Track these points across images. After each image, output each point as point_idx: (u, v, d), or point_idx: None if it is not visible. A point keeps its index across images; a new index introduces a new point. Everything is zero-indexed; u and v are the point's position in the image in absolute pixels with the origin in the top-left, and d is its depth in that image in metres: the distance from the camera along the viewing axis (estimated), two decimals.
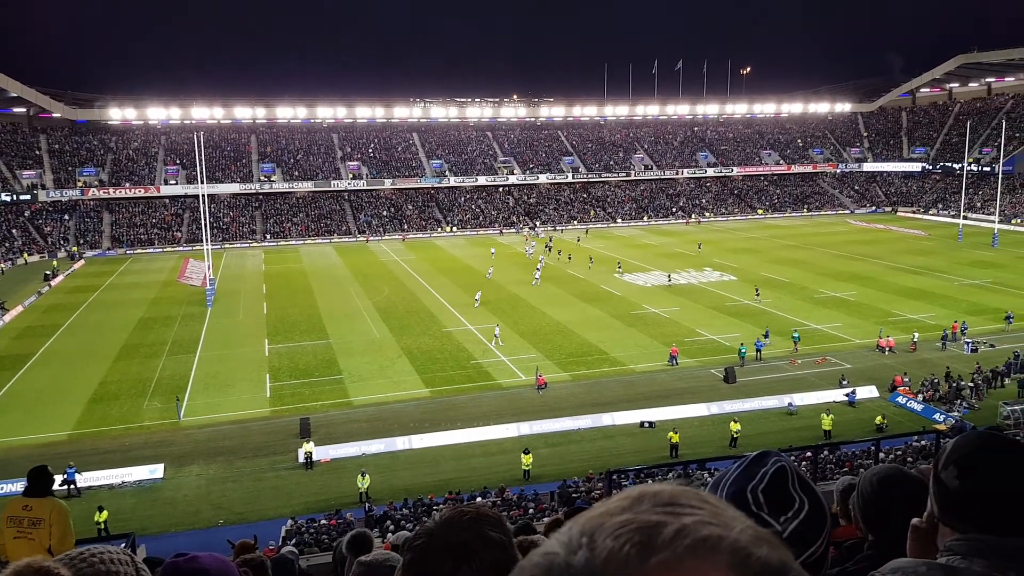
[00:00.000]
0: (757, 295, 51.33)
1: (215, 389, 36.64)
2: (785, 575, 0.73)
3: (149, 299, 55.63)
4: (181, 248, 79.34)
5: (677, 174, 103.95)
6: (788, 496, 1.57)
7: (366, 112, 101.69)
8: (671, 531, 0.73)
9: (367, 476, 26.58)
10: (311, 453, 28.79)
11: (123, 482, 27.68)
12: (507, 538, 1.58)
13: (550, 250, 71.18)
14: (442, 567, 1.53)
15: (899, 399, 33.79)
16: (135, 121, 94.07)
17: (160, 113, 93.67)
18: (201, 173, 63.60)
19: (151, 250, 79.27)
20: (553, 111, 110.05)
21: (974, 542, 1.66)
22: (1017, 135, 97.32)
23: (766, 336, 40.52)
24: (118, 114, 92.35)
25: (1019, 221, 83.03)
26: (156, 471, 28.19)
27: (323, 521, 23.37)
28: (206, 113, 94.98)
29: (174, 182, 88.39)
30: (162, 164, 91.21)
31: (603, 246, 74.78)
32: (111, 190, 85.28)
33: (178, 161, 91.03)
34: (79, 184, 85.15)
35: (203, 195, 62.03)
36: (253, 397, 35.50)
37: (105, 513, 23.98)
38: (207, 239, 58.49)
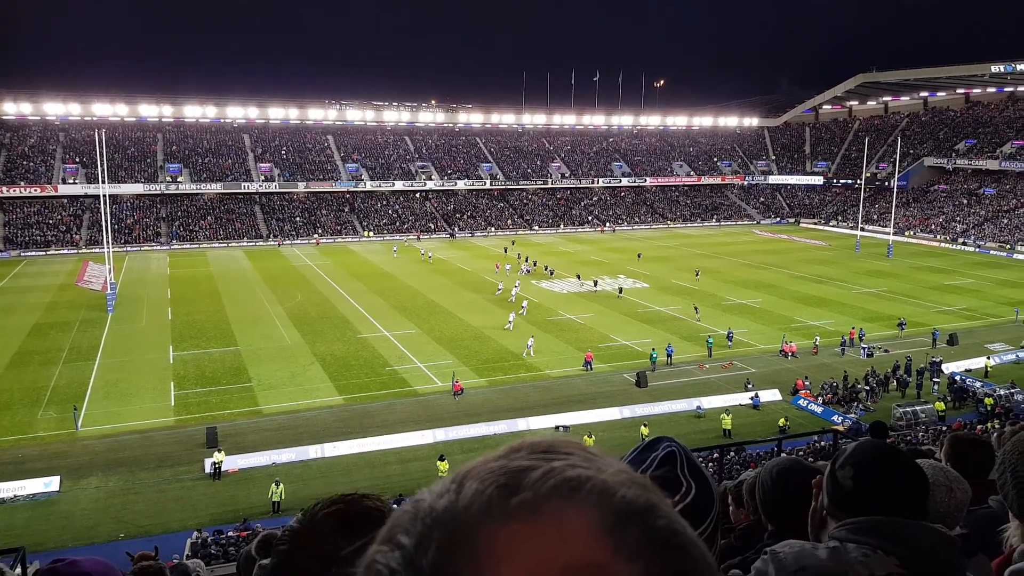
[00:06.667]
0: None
1: (116, 398, 34.99)
2: (651, 516, 0.72)
3: (45, 303, 52.72)
4: (80, 251, 75.58)
5: (593, 183, 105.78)
6: (676, 480, 1.63)
7: (279, 113, 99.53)
8: (538, 474, 0.72)
9: (281, 485, 25.90)
10: (220, 463, 27.85)
11: (15, 496, 26.09)
12: None
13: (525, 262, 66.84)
14: (308, 574, 1.39)
15: (800, 402, 35.33)
16: (31, 116, 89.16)
17: (58, 108, 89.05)
18: (102, 172, 60.70)
19: (48, 252, 75.16)
20: (471, 117, 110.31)
21: (850, 526, 1.86)
22: (911, 152, 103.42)
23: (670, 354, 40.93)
24: (12, 108, 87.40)
25: (912, 233, 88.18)
26: (51, 484, 26.70)
27: (231, 533, 22.63)
28: (108, 110, 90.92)
29: (73, 181, 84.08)
30: (60, 162, 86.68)
31: (528, 254, 75.35)
32: (4, 188, 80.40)
33: (78, 159, 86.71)
34: None
35: (104, 195, 59.19)
36: (156, 406, 34.07)
37: None
38: (108, 241, 55.91)
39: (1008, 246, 78.33)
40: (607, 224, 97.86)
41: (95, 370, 38.58)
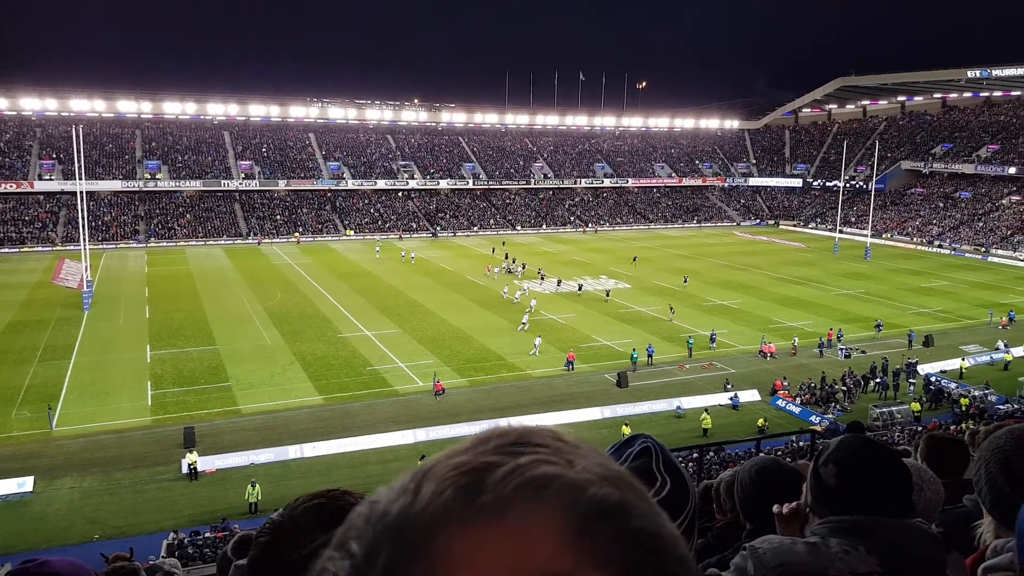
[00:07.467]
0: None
1: (91, 397, 34.57)
2: (623, 516, 0.65)
3: (19, 301, 51.94)
4: (56, 248, 74.55)
5: (575, 184, 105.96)
6: (651, 474, 1.63)
7: (260, 110, 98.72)
8: (502, 472, 0.65)
9: (257, 486, 25.71)
10: (195, 464, 27.58)
11: None
12: None
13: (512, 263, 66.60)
14: (288, 569, 1.40)
15: (779, 402, 35.61)
16: (7, 111, 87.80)
17: (35, 103, 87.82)
18: (79, 168, 59.96)
19: (23, 249, 74.02)
20: (454, 117, 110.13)
21: (832, 524, 1.86)
22: (888, 155, 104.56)
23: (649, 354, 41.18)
24: None
25: (889, 236, 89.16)
26: (25, 484, 26.32)
27: (208, 534, 22.43)
28: (86, 105, 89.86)
29: (49, 177, 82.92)
30: (36, 158, 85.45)
31: (515, 255, 75.31)
32: None
33: (54, 155, 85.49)
34: None
35: (81, 192, 58.47)
36: (133, 405, 33.69)
37: None
38: (85, 239, 55.20)
39: (983, 249, 79.40)
40: (589, 225, 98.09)
41: (70, 369, 38.08)
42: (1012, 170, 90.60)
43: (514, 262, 66.76)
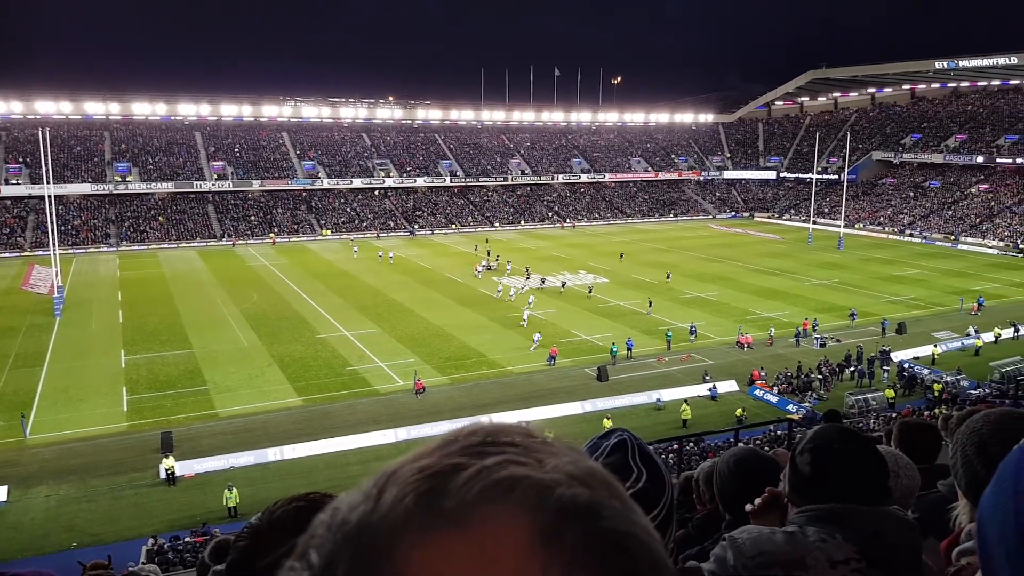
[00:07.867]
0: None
1: (66, 404, 34.06)
2: (593, 516, 0.62)
3: None
4: (25, 253, 73.30)
5: (552, 179, 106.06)
6: (627, 468, 1.64)
7: (232, 110, 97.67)
8: (466, 475, 0.63)
9: (234, 490, 25.50)
10: (172, 469, 27.29)
11: None
12: None
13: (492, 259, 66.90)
14: (266, 573, 1.38)
15: (757, 392, 35.96)
16: None
17: None
18: (47, 172, 58.95)
19: None
20: (430, 114, 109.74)
21: (810, 513, 1.87)
22: (860, 146, 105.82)
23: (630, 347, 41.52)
24: None
25: (861, 226, 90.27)
26: None
27: (188, 539, 22.23)
28: (52, 107, 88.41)
29: (16, 182, 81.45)
30: (2, 162, 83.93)
31: (498, 252, 75.22)
32: None
33: (21, 159, 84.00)
34: None
35: (49, 196, 57.51)
36: (108, 411, 33.25)
37: None
38: (54, 243, 54.28)
39: (952, 237, 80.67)
40: (567, 220, 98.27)
41: (43, 376, 37.50)
42: (980, 159, 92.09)
43: (496, 259, 66.63)
